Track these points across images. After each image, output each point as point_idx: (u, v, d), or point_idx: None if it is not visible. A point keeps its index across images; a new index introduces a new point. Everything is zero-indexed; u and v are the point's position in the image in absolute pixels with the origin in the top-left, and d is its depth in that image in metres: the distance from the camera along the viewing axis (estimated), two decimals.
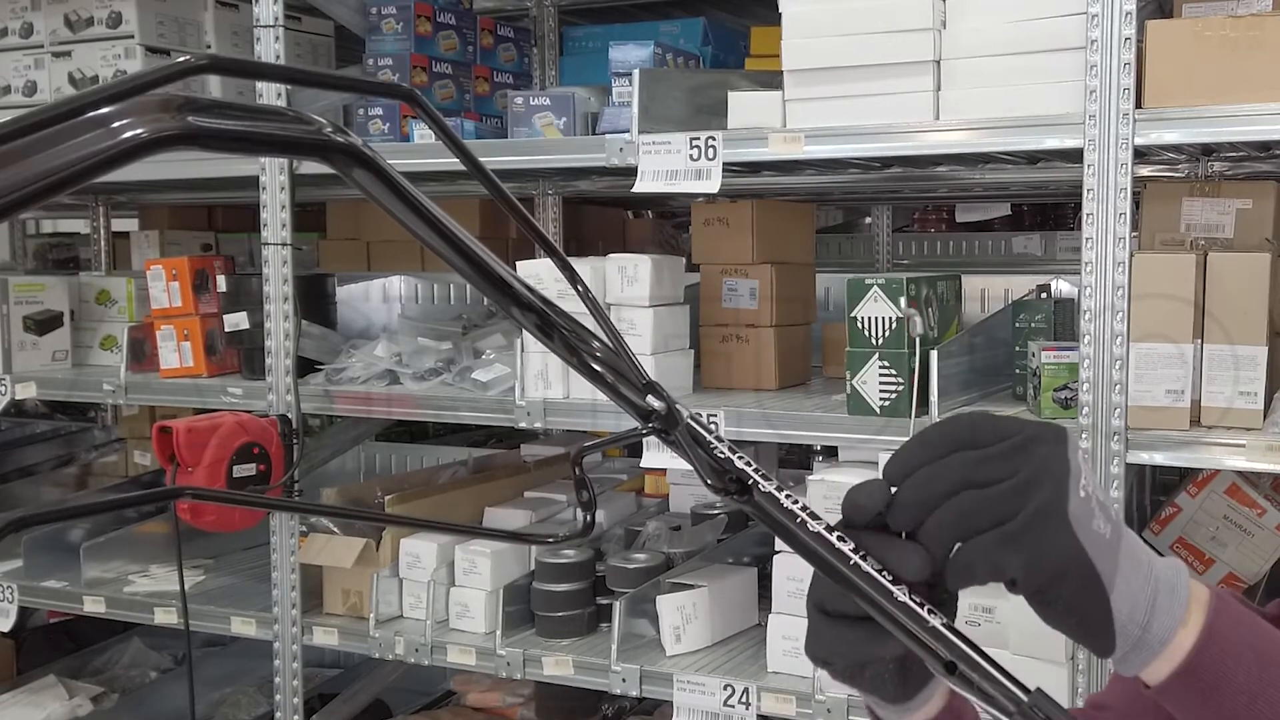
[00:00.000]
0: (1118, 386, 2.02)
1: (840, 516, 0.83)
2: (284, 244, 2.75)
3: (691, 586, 2.50)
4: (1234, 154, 2.44)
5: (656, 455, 2.38)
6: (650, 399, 0.80)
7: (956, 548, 0.77)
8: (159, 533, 3.19)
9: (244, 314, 2.88)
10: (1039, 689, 0.79)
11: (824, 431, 2.32)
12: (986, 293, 3.07)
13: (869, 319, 2.24)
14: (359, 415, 2.93)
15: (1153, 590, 0.84)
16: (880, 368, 2.22)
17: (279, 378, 2.77)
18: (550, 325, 0.78)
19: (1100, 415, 2.03)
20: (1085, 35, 2.02)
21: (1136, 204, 2.11)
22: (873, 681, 0.89)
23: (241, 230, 3.98)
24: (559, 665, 2.49)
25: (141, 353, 3.07)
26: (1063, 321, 2.44)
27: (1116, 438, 2.02)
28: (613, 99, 2.59)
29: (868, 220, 3.78)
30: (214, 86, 2.89)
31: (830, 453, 2.52)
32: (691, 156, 2.30)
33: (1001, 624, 2.16)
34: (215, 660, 3.64)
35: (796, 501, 0.81)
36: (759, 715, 2.31)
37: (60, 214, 5.14)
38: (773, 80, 2.33)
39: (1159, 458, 2.04)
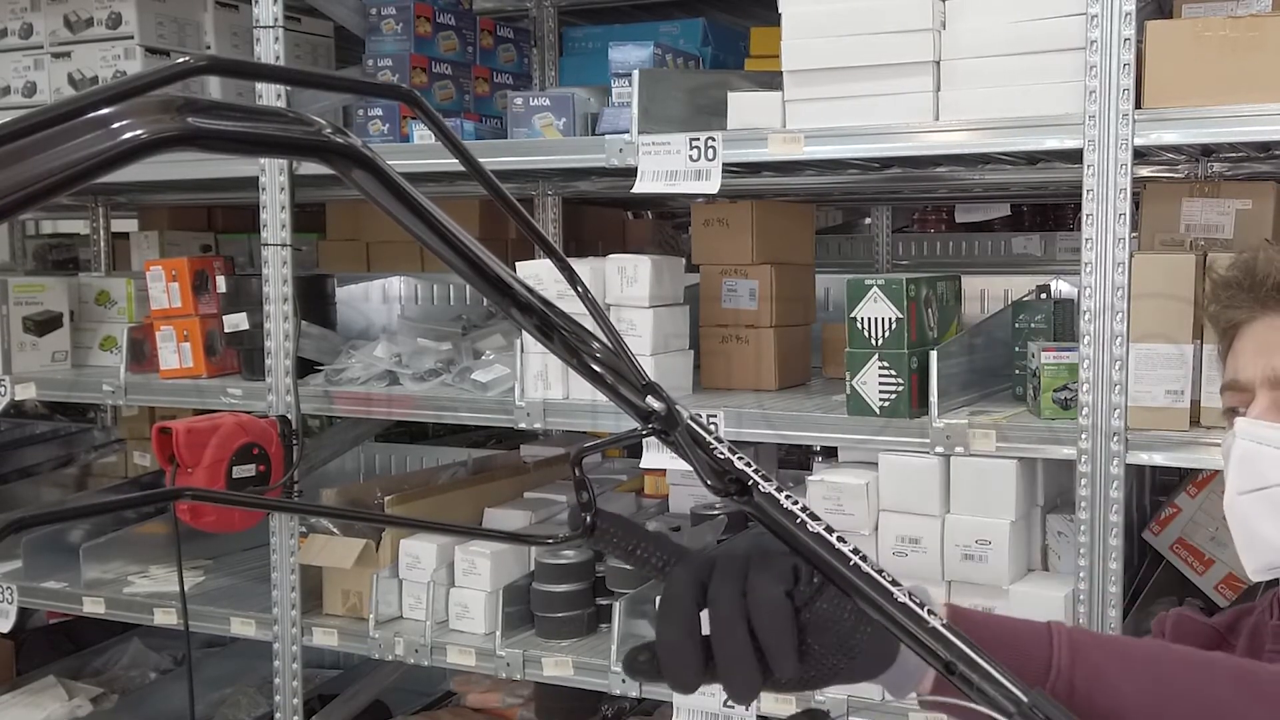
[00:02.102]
0: (1117, 387, 2.02)
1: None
2: (284, 245, 2.75)
3: None
4: (1234, 154, 2.44)
5: (656, 456, 2.38)
6: (650, 400, 0.80)
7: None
8: (159, 533, 3.19)
9: (244, 315, 2.88)
10: (1039, 689, 0.79)
11: (824, 432, 2.31)
12: (986, 293, 3.08)
13: (869, 319, 2.24)
14: (359, 416, 2.92)
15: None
16: (880, 368, 2.22)
17: (279, 378, 2.77)
18: (550, 326, 0.78)
19: (1100, 416, 2.03)
20: (1085, 35, 2.02)
21: (1136, 204, 2.11)
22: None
23: (241, 231, 3.98)
24: (559, 666, 2.49)
25: (141, 353, 3.07)
26: (1062, 322, 2.44)
27: (1116, 438, 2.02)
28: (612, 99, 2.59)
29: (868, 220, 3.77)
30: (214, 87, 2.89)
31: (830, 453, 2.52)
32: (691, 157, 2.30)
33: None
34: (215, 661, 3.64)
35: (796, 502, 0.82)
36: (759, 715, 2.31)
37: (60, 214, 5.14)
38: (773, 81, 2.33)
39: (1159, 458, 2.04)
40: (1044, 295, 2.59)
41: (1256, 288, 1.25)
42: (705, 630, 0.83)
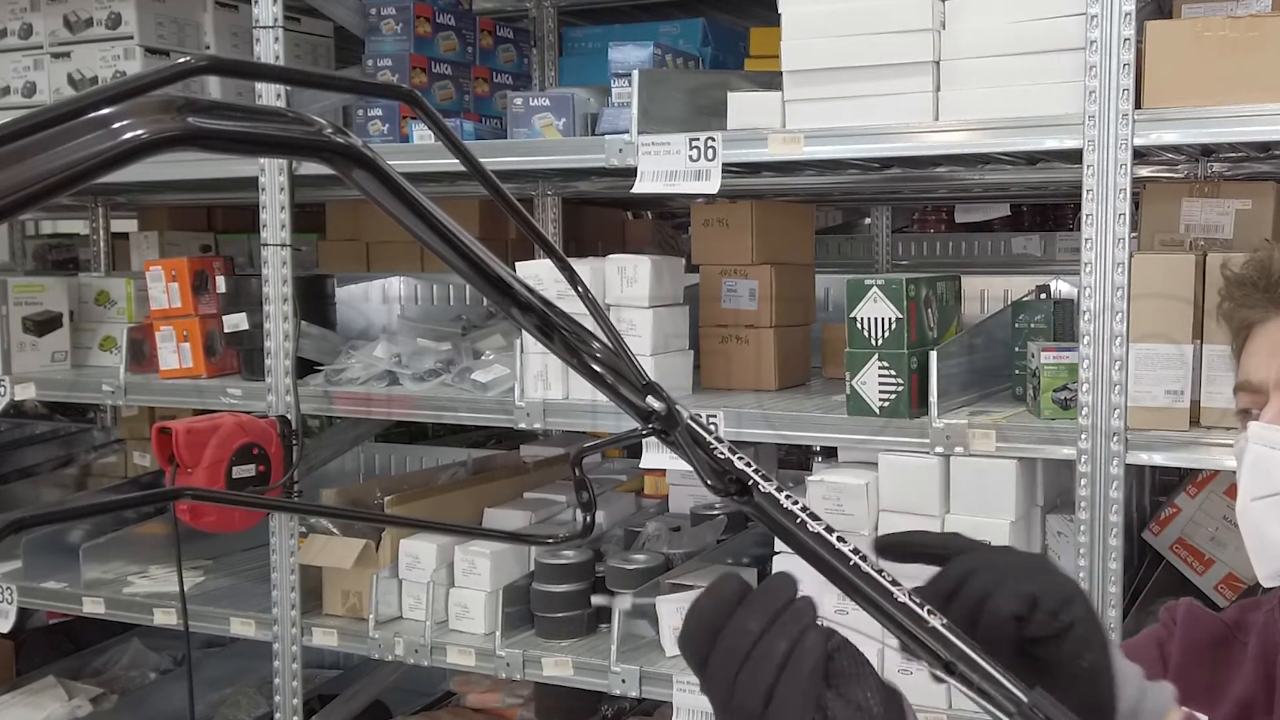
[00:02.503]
0: (1117, 387, 2.02)
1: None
2: (283, 245, 2.75)
3: (691, 587, 2.50)
4: (1233, 154, 2.44)
5: (656, 456, 2.38)
6: (650, 400, 0.80)
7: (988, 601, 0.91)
8: (158, 533, 3.19)
9: (243, 315, 2.88)
10: (1039, 689, 0.79)
11: (824, 432, 2.31)
12: (986, 293, 3.08)
13: (868, 319, 2.24)
14: (358, 416, 2.92)
15: (1141, 679, 0.98)
16: (880, 368, 2.22)
17: (278, 378, 2.77)
18: (550, 326, 0.78)
19: (1100, 416, 2.03)
20: (1085, 36, 2.02)
21: (1136, 204, 2.11)
22: None
23: (241, 231, 3.98)
24: (558, 666, 2.49)
25: (141, 353, 3.07)
26: (1062, 322, 2.44)
27: (1116, 438, 2.02)
28: (612, 100, 2.59)
29: (867, 221, 3.78)
30: (214, 87, 2.88)
31: (830, 453, 2.52)
32: (691, 157, 2.30)
33: None
34: (215, 661, 3.64)
35: (796, 502, 0.82)
36: None
37: (60, 215, 5.14)
38: (772, 81, 2.33)
39: (1158, 458, 2.04)
40: (1044, 295, 2.59)
41: (1272, 287, 1.23)
42: None
